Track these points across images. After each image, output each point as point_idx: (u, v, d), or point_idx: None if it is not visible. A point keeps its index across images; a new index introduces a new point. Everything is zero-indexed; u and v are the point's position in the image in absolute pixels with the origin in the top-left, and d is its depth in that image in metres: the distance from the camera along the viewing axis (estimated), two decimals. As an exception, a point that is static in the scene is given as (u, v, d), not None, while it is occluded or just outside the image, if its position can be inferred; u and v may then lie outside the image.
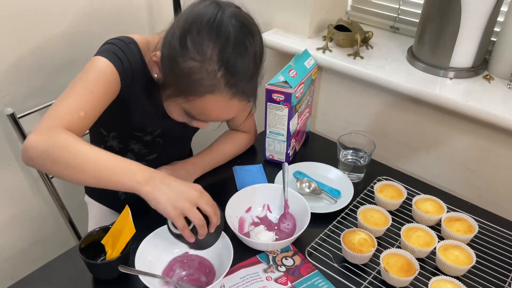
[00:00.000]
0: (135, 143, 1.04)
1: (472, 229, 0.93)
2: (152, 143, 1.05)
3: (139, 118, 0.98)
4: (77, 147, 0.76)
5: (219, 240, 0.87)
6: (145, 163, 1.00)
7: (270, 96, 1.08)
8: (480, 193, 1.18)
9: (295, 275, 0.87)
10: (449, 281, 0.81)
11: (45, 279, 0.88)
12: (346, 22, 1.24)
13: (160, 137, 1.04)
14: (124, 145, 1.04)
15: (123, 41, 0.89)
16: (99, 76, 0.86)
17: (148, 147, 1.06)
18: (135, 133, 1.01)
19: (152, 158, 1.08)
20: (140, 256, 0.84)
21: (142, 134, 1.02)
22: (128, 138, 1.03)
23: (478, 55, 1.12)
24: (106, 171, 0.75)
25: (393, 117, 1.26)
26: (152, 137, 1.03)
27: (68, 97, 0.83)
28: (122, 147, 1.04)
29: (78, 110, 0.82)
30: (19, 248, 1.48)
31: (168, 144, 1.07)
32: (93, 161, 0.76)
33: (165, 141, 1.06)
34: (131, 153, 1.06)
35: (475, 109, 1.04)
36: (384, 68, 1.19)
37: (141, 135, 1.02)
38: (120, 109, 0.94)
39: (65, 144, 0.76)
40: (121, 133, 1.02)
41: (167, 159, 1.08)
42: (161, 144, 1.06)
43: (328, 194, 1.06)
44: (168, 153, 1.10)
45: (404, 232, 0.92)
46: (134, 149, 1.05)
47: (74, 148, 0.76)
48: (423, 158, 1.26)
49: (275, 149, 1.17)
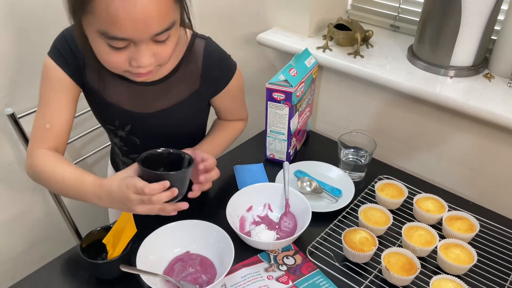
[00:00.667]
0: (114, 137, 1.04)
1: (473, 228, 0.93)
2: (129, 141, 1.02)
3: (100, 107, 0.97)
4: (49, 172, 0.88)
5: (221, 239, 0.87)
6: (131, 160, 1.06)
7: (271, 95, 1.08)
8: (480, 192, 1.18)
9: (296, 274, 0.87)
10: (450, 280, 0.81)
11: (46, 279, 0.88)
12: (346, 21, 1.24)
13: (135, 135, 1.00)
14: (111, 136, 1.06)
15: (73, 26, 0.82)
16: (48, 81, 0.90)
17: (127, 145, 1.04)
18: (107, 125, 1.00)
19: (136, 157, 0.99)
20: (141, 256, 0.84)
21: (113, 127, 0.99)
22: (108, 131, 1.03)
23: (479, 54, 1.12)
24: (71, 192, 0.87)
25: (394, 116, 1.26)
26: (126, 134, 1.00)
27: (36, 113, 0.92)
28: (111, 138, 1.06)
29: (44, 124, 0.90)
30: (20, 248, 1.48)
31: (145, 142, 1.01)
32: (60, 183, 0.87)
33: (142, 141, 1.01)
34: (116, 147, 1.07)
35: (476, 108, 1.04)
36: (385, 67, 1.19)
37: (113, 128, 1.00)
38: (87, 97, 0.96)
39: (39, 171, 0.89)
40: (103, 126, 1.03)
41: None
42: (138, 144, 1.02)
43: (329, 193, 1.06)
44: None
45: (405, 231, 0.92)
46: (117, 144, 1.05)
47: (47, 174, 0.88)
48: (424, 157, 1.26)
49: (276, 148, 1.17)
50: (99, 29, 0.73)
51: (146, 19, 0.71)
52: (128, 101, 0.94)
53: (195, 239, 0.91)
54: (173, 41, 0.80)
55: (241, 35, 1.52)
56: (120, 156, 1.09)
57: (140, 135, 1.01)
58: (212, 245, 0.89)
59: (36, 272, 0.89)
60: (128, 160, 1.08)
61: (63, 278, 0.88)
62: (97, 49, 0.78)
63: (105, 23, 0.71)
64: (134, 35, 0.73)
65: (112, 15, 0.69)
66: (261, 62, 1.53)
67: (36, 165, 0.89)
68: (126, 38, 0.73)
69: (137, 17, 0.70)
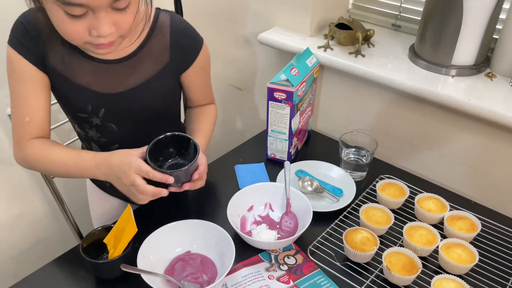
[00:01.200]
0: (89, 129, 0.97)
1: (474, 227, 0.93)
2: (105, 129, 0.97)
3: (69, 93, 0.91)
4: (45, 157, 0.90)
5: (222, 239, 0.87)
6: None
7: (272, 94, 1.08)
8: (482, 191, 1.18)
9: (298, 274, 0.87)
10: (452, 280, 0.81)
11: (47, 279, 0.88)
12: (347, 20, 1.23)
13: (110, 120, 0.96)
14: (84, 131, 0.99)
15: (30, 10, 0.83)
16: (13, 73, 0.87)
17: (104, 135, 0.98)
18: (78, 114, 0.94)
19: (116, 149, 0.97)
20: (142, 255, 0.84)
21: (87, 115, 0.94)
22: (80, 122, 0.97)
23: (480, 53, 1.12)
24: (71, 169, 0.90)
25: (395, 115, 1.26)
26: (101, 120, 0.95)
27: (11, 109, 0.91)
28: (84, 134, 1.00)
29: (22, 118, 0.89)
30: (22, 247, 1.48)
31: (121, 128, 0.97)
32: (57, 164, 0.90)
33: (118, 126, 0.97)
34: (93, 142, 1.00)
35: (477, 107, 1.03)
36: (386, 66, 1.18)
37: (86, 116, 0.94)
38: (54, 86, 0.92)
39: (33, 160, 0.91)
40: (71, 116, 0.98)
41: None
42: (115, 131, 0.97)
43: (330, 193, 1.06)
44: (127, 141, 0.97)
45: (407, 231, 0.92)
46: (93, 137, 0.99)
47: (43, 160, 0.90)
48: (425, 156, 1.25)
49: (277, 147, 1.17)
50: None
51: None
52: (97, 81, 0.91)
53: (196, 238, 0.91)
54: (133, 10, 0.78)
55: (242, 35, 1.51)
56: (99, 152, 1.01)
57: (116, 119, 0.96)
58: (213, 245, 0.89)
59: (37, 272, 0.89)
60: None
61: (65, 278, 0.88)
62: (54, 19, 0.75)
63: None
64: (90, 1, 0.70)
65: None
66: (262, 62, 1.53)
67: (29, 155, 0.90)
68: (82, 4, 0.70)
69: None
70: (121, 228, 0.86)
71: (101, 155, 0.89)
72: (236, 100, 1.68)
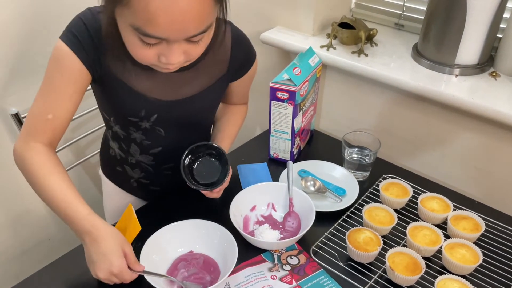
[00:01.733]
0: (135, 131, 0.97)
1: (478, 227, 0.92)
2: (152, 133, 0.97)
3: (125, 98, 0.90)
4: (39, 176, 0.83)
5: (224, 239, 0.87)
6: (151, 157, 1.01)
7: (274, 94, 1.08)
8: (486, 191, 1.17)
9: (300, 274, 0.87)
10: (455, 280, 0.81)
11: (50, 279, 0.88)
12: (350, 19, 1.23)
13: (159, 125, 0.96)
14: (126, 133, 0.98)
15: (91, 11, 0.82)
16: (57, 67, 0.83)
17: (149, 138, 0.98)
18: (129, 118, 0.94)
19: (158, 152, 1.01)
20: (144, 255, 0.84)
21: (138, 119, 0.94)
22: (126, 124, 0.96)
23: (484, 52, 1.11)
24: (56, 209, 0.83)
25: (398, 115, 1.25)
26: (150, 124, 0.95)
27: (37, 99, 0.85)
28: (126, 135, 0.99)
29: (45, 113, 0.84)
30: (25, 247, 1.48)
31: (169, 132, 0.98)
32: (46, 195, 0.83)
33: (166, 131, 0.98)
34: (135, 144, 0.99)
35: (481, 107, 1.03)
36: (389, 66, 1.18)
37: (137, 120, 0.94)
38: (106, 89, 0.89)
39: (29, 169, 0.84)
40: (117, 118, 0.97)
41: (172, 153, 1.01)
42: (163, 135, 0.98)
43: (333, 193, 1.05)
44: (171, 145, 1.01)
45: (410, 231, 0.91)
46: (136, 139, 0.98)
47: (36, 176, 0.83)
48: (429, 156, 1.25)
49: (280, 147, 1.17)
50: (134, 24, 0.70)
51: (184, 22, 0.69)
52: (155, 89, 0.90)
53: (199, 238, 0.90)
54: (206, 42, 0.78)
55: (245, 34, 1.51)
56: (137, 154, 1.02)
57: (165, 124, 0.96)
58: (216, 245, 0.89)
59: (39, 272, 0.89)
60: (146, 158, 1.02)
61: (67, 278, 0.88)
62: (126, 40, 0.75)
63: (141, 20, 0.69)
64: (169, 36, 0.71)
65: (150, 13, 0.67)
66: (264, 61, 1.52)
67: (28, 161, 0.84)
68: (161, 38, 0.71)
69: (175, 19, 0.68)
70: (122, 228, 0.86)
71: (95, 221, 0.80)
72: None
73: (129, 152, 1.02)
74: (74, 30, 0.81)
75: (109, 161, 1.11)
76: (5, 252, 1.44)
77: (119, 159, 1.06)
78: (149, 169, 1.05)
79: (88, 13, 0.82)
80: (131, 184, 1.10)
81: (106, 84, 0.88)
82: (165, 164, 1.04)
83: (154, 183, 1.08)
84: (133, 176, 1.07)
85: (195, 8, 0.68)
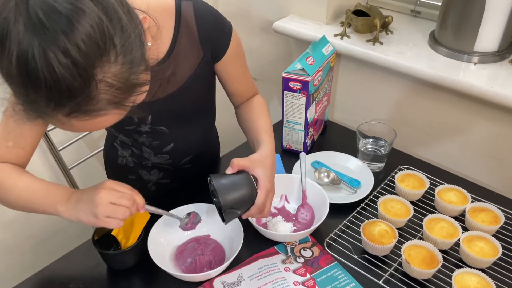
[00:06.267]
0: (139, 136, 0.95)
1: (497, 219, 0.90)
2: (157, 133, 0.95)
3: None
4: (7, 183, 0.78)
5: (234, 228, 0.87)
6: (166, 156, 1.00)
7: (287, 84, 1.06)
8: (506, 182, 1.14)
9: (314, 267, 0.86)
10: (474, 274, 0.79)
11: (65, 270, 0.89)
12: (364, 7, 1.20)
13: (160, 124, 0.93)
14: (133, 139, 0.96)
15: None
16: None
17: (156, 138, 0.96)
18: (125, 127, 0.91)
19: (171, 149, 0.99)
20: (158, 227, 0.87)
21: (134, 126, 0.91)
22: (127, 132, 0.94)
23: (504, 39, 1.08)
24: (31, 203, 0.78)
25: (415, 104, 1.23)
26: (149, 127, 0.92)
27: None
28: (133, 141, 0.97)
29: (5, 140, 0.79)
30: (40, 238, 1.50)
31: (173, 128, 0.96)
32: (17, 194, 0.78)
33: (169, 128, 0.95)
34: (145, 147, 0.98)
35: (501, 95, 1.00)
36: (405, 54, 1.15)
37: (134, 127, 0.91)
38: None
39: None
40: (116, 129, 0.95)
41: (186, 147, 1.00)
42: (167, 132, 0.96)
43: (347, 184, 1.04)
44: (182, 139, 0.98)
45: (427, 223, 0.90)
46: (145, 142, 0.97)
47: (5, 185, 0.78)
48: (446, 146, 1.22)
49: (293, 138, 1.15)
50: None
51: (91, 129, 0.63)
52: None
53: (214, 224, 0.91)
54: (144, 89, 0.65)
55: (257, 24, 1.49)
56: (152, 156, 0.99)
57: (165, 122, 0.94)
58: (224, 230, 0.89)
59: (55, 263, 0.90)
60: (162, 157, 1.00)
61: (82, 269, 0.88)
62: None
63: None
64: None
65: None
66: (277, 51, 1.50)
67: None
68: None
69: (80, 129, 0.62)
70: (129, 219, 0.85)
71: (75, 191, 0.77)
72: (251, 91, 1.66)
73: (143, 156, 1.00)
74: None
75: (118, 172, 1.08)
76: (22, 244, 1.47)
77: (132, 166, 1.04)
78: (168, 168, 1.04)
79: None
80: (149, 188, 1.08)
81: None
82: (183, 158, 1.03)
83: (175, 181, 1.08)
84: (151, 180, 1.06)
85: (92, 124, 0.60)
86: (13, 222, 1.41)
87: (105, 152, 1.12)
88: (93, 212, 0.71)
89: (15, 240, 1.45)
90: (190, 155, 1.03)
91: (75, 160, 1.36)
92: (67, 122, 0.58)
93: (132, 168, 1.05)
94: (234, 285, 0.82)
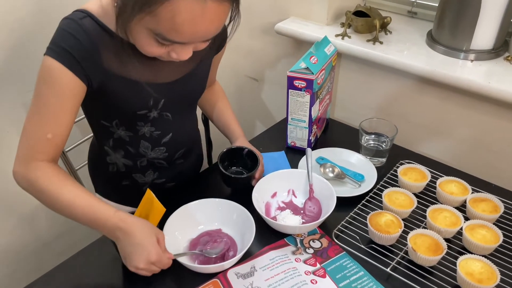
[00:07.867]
0: (143, 125, 0.95)
1: (497, 209, 0.94)
2: (161, 121, 0.96)
3: (131, 93, 0.88)
4: (52, 191, 0.82)
5: (243, 218, 0.91)
6: (163, 148, 1.01)
7: (292, 83, 1.09)
8: (503, 174, 1.18)
9: (323, 257, 0.88)
10: (477, 259, 0.82)
11: (70, 273, 0.89)
12: (365, 8, 1.24)
13: (167, 110, 0.96)
14: (134, 132, 0.96)
15: (73, 19, 0.79)
16: (50, 85, 0.80)
17: (159, 127, 0.97)
18: (138, 112, 0.91)
19: (169, 140, 1.00)
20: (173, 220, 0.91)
21: (146, 110, 0.92)
22: (133, 121, 0.94)
23: (499, 37, 1.12)
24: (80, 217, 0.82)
25: (414, 101, 1.26)
26: (158, 112, 0.94)
27: (30, 119, 0.83)
28: (132, 135, 0.96)
29: (44, 134, 0.82)
30: (44, 241, 1.50)
31: (175, 115, 0.99)
32: (65, 206, 0.82)
33: (173, 113, 0.98)
34: (144, 140, 0.97)
35: (498, 90, 1.04)
36: (404, 53, 1.19)
37: (145, 111, 0.92)
38: (108, 92, 0.86)
39: (40, 188, 0.82)
40: (124, 118, 0.94)
41: (181, 137, 1.03)
42: (170, 119, 0.98)
43: (352, 179, 1.07)
44: (179, 129, 1.01)
45: (430, 213, 0.93)
46: (146, 134, 0.96)
47: (49, 194, 0.82)
48: (445, 141, 1.26)
49: (297, 135, 1.18)
50: (155, 30, 0.71)
51: (207, 31, 0.74)
52: (154, 74, 0.89)
53: (226, 219, 0.94)
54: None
55: (259, 25, 1.52)
56: (149, 151, 0.99)
57: (172, 108, 0.96)
58: (234, 224, 0.93)
59: (60, 266, 0.91)
60: (159, 151, 1.01)
61: (86, 272, 0.89)
62: (139, 38, 0.75)
63: (165, 29, 0.71)
64: (189, 41, 0.75)
65: (176, 24, 0.69)
66: (278, 52, 1.54)
67: (35, 181, 0.83)
68: (181, 43, 0.75)
69: (199, 29, 0.72)
70: (143, 214, 0.87)
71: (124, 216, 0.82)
72: (253, 91, 1.69)
73: (138, 154, 1.00)
74: (62, 42, 0.78)
75: (109, 180, 1.08)
76: (26, 246, 1.47)
77: (124, 171, 1.03)
78: (162, 165, 1.03)
79: (70, 22, 0.79)
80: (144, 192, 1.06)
81: (107, 87, 0.85)
82: (177, 151, 1.04)
83: (170, 179, 1.07)
84: (146, 182, 1.05)
85: (220, 18, 0.73)
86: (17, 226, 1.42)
87: (91, 166, 1.13)
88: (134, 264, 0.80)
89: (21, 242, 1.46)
90: (184, 147, 1.05)
91: (81, 162, 1.37)
92: (202, 6, 0.68)
93: (124, 173, 1.03)
94: (247, 276, 0.84)
